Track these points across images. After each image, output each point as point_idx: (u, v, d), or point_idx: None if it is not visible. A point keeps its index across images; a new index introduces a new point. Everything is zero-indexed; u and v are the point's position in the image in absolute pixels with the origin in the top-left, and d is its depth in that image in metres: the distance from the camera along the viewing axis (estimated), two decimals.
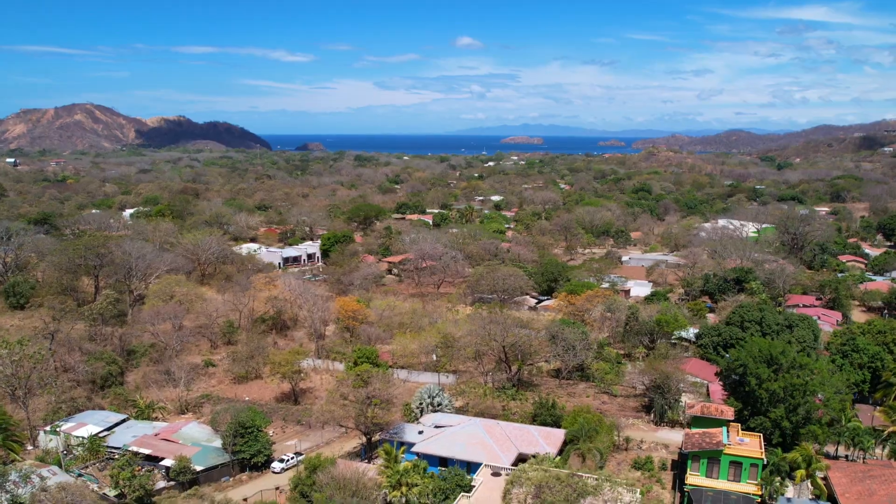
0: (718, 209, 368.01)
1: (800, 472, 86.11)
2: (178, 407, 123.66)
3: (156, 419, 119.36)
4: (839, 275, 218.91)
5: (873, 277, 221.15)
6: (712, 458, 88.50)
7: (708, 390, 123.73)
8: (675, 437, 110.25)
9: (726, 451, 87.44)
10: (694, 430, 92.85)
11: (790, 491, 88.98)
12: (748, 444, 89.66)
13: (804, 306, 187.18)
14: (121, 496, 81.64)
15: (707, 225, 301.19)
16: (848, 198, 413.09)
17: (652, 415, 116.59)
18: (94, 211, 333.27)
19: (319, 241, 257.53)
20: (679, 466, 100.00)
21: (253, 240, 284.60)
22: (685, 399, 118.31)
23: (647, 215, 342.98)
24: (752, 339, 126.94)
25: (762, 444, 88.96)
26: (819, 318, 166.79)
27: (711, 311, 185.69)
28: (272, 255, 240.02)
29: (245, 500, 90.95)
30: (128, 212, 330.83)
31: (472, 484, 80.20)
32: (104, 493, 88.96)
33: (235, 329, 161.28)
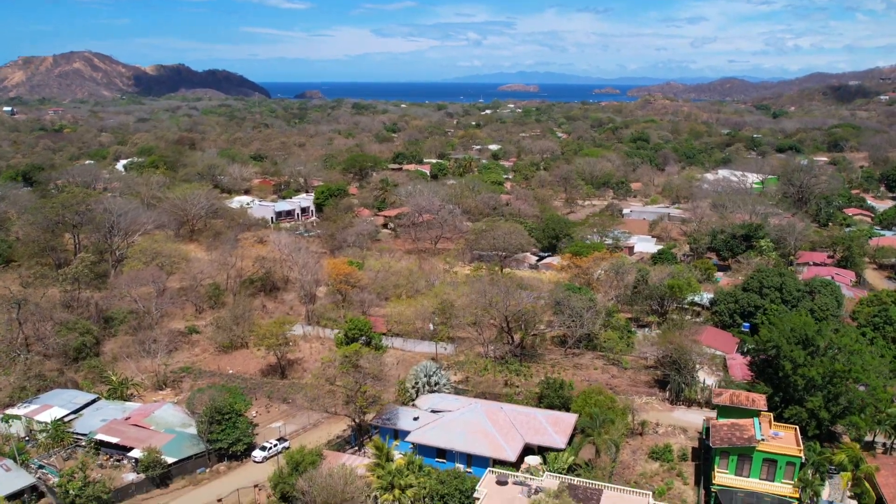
0: (717, 159, 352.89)
1: (846, 476, 73.71)
2: (156, 382, 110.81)
3: (131, 396, 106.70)
4: (846, 230, 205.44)
5: (882, 232, 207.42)
6: (743, 454, 76.05)
7: (725, 363, 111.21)
8: (692, 418, 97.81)
9: (759, 447, 74.87)
10: (721, 422, 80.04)
11: (825, 491, 76.87)
12: (783, 440, 77.02)
13: (815, 264, 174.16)
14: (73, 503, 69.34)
15: (709, 176, 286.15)
16: (846, 147, 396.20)
17: (667, 392, 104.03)
18: (87, 162, 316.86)
19: (313, 195, 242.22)
20: (701, 456, 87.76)
21: (247, 192, 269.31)
22: (702, 376, 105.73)
23: (646, 166, 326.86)
24: (780, 313, 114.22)
25: (799, 438, 76.27)
26: (833, 277, 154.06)
27: (718, 268, 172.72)
28: (264, 209, 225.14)
29: (220, 500, 78.56)
30: (121, 163, 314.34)
31: (475, 495, 67.62)
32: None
33: (222, 292, 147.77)
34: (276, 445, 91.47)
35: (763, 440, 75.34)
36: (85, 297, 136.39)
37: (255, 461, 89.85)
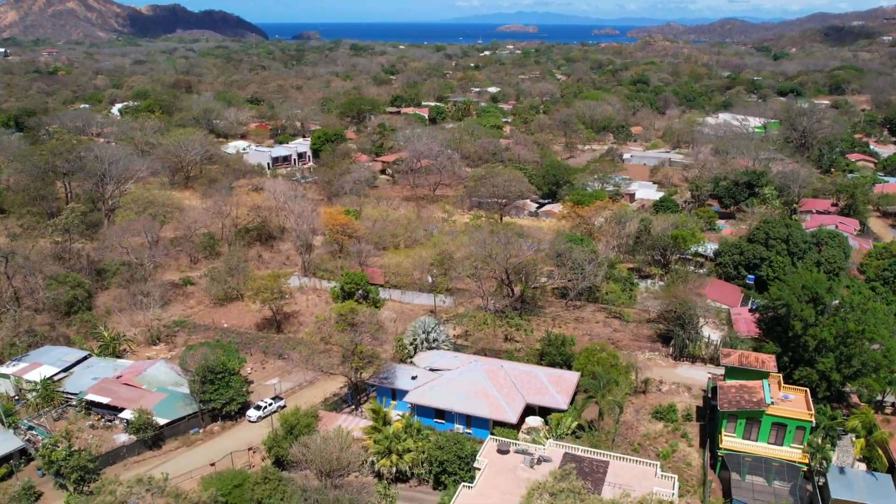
0: (718, 102, 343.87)
1: (859, 443, 70.30)
2: (149, 337, 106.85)
3: (123, 352, 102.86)
4: (849, 175, 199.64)
5: (885, 179, 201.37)
6: (752, 418, 72.44)
7: (730, 317, 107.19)
8: (696, 375, 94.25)
9: (769, 411, 71.19)
10: (729, 383, 76.21)
11: (834, 455, 73.46)
12: (794, 402, 73.29)
13: (819, 212, 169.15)
14: (58, 474, 65.89)
15: (710, 120, 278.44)
16: (848, 90, 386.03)
17: (671, 348, 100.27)
18: (82, 106, 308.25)
19: (310, 140, 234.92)
20: (706, 416, 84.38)
21: (243, 136, 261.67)
22: (707, 331, 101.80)
23: (646, 109, 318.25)
24: (785, 265, 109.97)
25: (810, 402, 72.49)
26: (837, 226, 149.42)
27: (720, 216, 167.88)
28: (260, 154, 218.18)
29: (213, 464, 75.29)
30: (116, 107, 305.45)
31: (475, 465, 64.09)
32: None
33: (217, 242, 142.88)
34: (271, 405, 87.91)
35: (772, 403, 71.63)
36: (77, 249, 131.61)
37: (249, 421, 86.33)
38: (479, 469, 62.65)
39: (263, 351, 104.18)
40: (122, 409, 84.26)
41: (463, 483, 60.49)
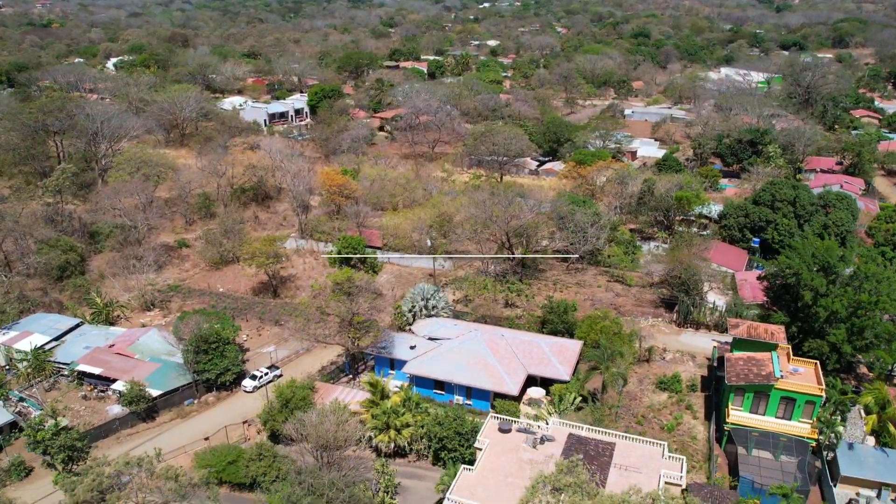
0: (720, 56, 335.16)
1: (871, 419, 67.24)
2: (143, 303, 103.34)
3: (117, 318, 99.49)
4: (853, 132, 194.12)
5: (890, 136, 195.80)
6: (760, 391, 69.38)
7: (734, 281, 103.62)
8: (700, 342, 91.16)
9: (778, 385, 68.07)
10: (737, 355, 72.95)
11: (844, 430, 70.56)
12: (803, 376, 70.10)
13: (823, 171, 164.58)
14: (46, 453, 62.98)
15: (713, 75, 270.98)
16: (852, 43, 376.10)
17: (674, 314, 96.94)
18: (77, 61, 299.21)
19: (307, 96, 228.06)
20: (711, 387, 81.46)
21: (240, 91, 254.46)
22: (712, 297, 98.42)
23: (648, 63, 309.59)
24: (791, 228, 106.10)
25: (820, 375, 69.27)
26: (842, 185, 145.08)
27: (723, 175, 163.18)
28: (257, 111, 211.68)
29: (207, 439, 72.46)
30: (111, 61, 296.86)
31: (476, 445, 61.05)
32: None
33: (212, 202, 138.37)
34: (266, 374, 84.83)
35: (782, 377, 68.47)
36: (69, 211, 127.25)
37: (245, 391, 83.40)
38: (479, 449, 59.62)
39: (259, 317, 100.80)
40: (114, 380, 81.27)
41: (463, 466, 57.49)
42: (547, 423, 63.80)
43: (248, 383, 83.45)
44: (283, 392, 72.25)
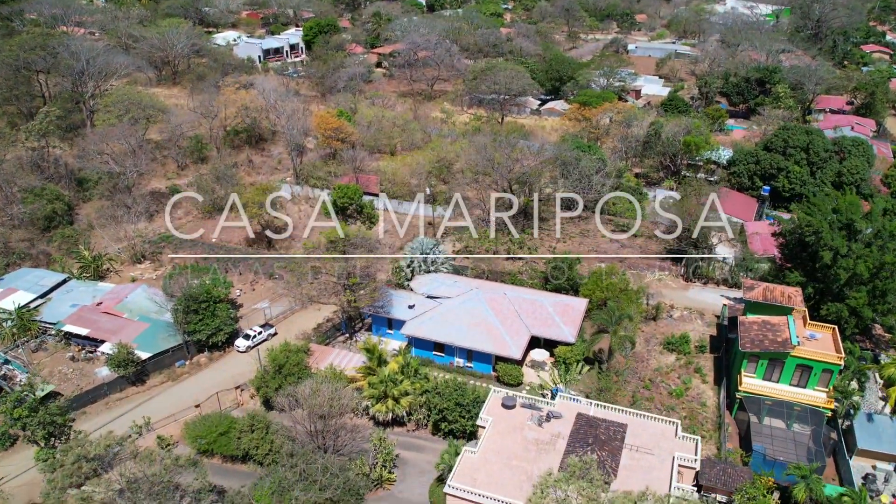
0: None
1: (893, 391, 62.95)
2: (133, 255, 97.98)
3: (107, 272, 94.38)
4: (864, 69, 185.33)
5: None
6: (775, 358, 64.92)
7: (743, 231, 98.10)
8: (709, 298, 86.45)
9: (794, 353, 63.52)
10: (751, 319, 68.14)
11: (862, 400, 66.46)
12: (821, 342, 65.53)
13: (832, 111, 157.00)
14: (24, 428, 58.67)
15: (718, 8, 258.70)
16: None
17: (681, 268, 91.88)
18: None
19: (302, 31, 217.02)
20: (720, 347, 77.05)
21: (234, 25, 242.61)
22: (721, 251, 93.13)
23: None
24: (802, 175, 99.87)
25: (839, 342, 64.62)
26: (853, 127, 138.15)
27: (730, 115, 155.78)
28: (251, 47, 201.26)
29: (198, 406, 68.28)
30: None
31: (479, 423, 56.67)
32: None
33: (205, 145, 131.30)
34: (260, 333, 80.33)
35: (798, 344, 63.87)
36: (56, 156, 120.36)
37: (238, 350, 79.04)
38: (482, 427, 55.30)
39: (254, 271, 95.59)
40: (102, 342, 76.75)
41: (465, 448, 53.20)
42: (553, 392, 59.35)
43: (241, 343, 78.93)
44: (276, 357, 67.71)
